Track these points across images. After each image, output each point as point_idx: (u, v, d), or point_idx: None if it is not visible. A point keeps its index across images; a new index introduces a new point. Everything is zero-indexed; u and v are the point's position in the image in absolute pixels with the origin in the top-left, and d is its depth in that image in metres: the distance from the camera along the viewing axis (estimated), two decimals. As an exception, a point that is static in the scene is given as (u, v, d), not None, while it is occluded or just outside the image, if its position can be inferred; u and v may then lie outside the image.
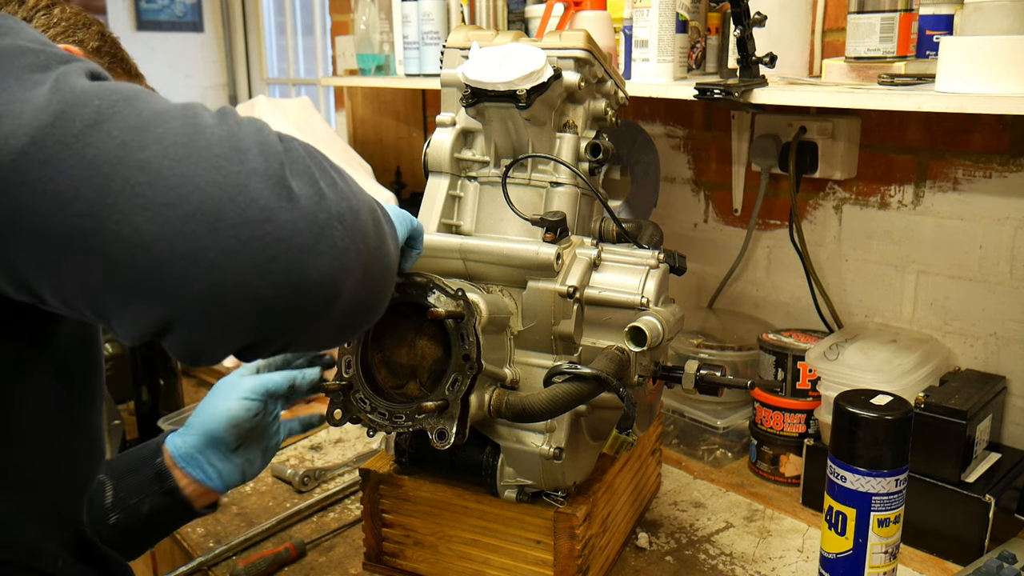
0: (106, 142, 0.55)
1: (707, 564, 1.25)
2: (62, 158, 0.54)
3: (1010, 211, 1.38)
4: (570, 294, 1.04)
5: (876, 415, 1.03)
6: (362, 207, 0.63)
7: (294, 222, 0.56)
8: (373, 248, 0.64)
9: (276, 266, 0.56)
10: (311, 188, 0.59)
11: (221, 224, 0.54)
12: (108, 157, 0.54)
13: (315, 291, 0.58)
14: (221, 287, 0.55)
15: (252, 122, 0.62)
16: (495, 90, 1.05)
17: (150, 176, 0.54)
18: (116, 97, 0.57)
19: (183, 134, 0.56)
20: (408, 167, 2.46)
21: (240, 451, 1.04)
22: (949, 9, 1.28)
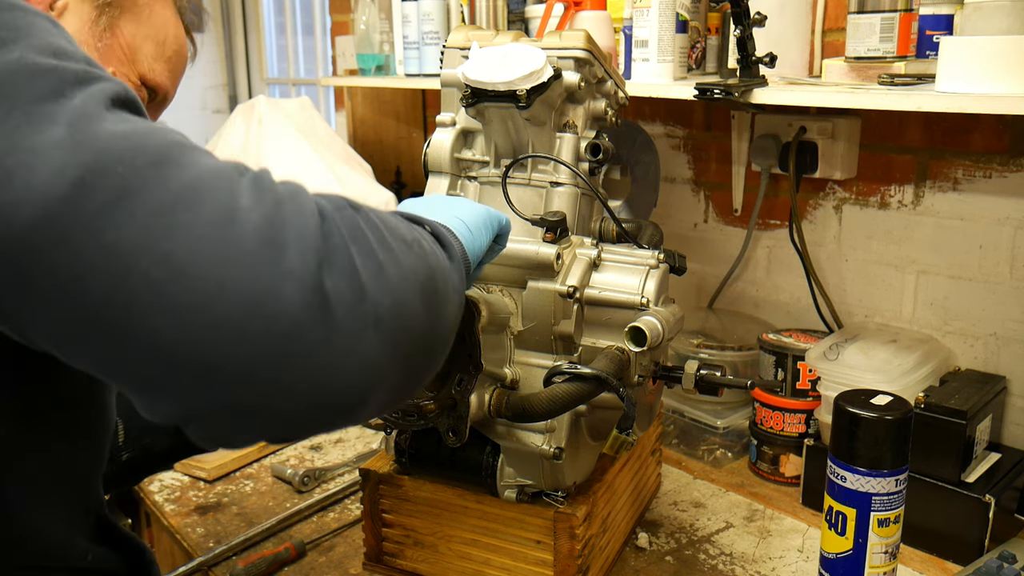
0: (128, 225, 0.49)
1: (707, 564, 1.25)
2: (78, 239, 0.49)
3: (1010, 211, 1.38)
4: (570, 294, 1.04)
5: (876, 415, 1.03)
6: (411, 287, 0.58)
7: (325, 339, 0.51)
8: (420, 335, 0.59)
9: (301, 386, 0.51)
10: (350, 287, 0.53)
11: (247, 338, 0.49)
12: (129, 245, 0.49)
13: (342, 404, 0.54)
14: (240, 401, 0.51)
15: (291, 197, 0.55)
16: (495, 90, 1.05)
17: (173, 273, 0.49)
18: (143, 161, 0.51)
19: (215, 222, 0.50)
20: (408, 167, 2.46)
21: None
22: (949, 9, 1.28)
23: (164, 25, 0.91)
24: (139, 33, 0.88)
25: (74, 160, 0.50)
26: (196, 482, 1.51)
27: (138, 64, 0.89)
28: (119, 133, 0.52)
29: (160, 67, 0.91)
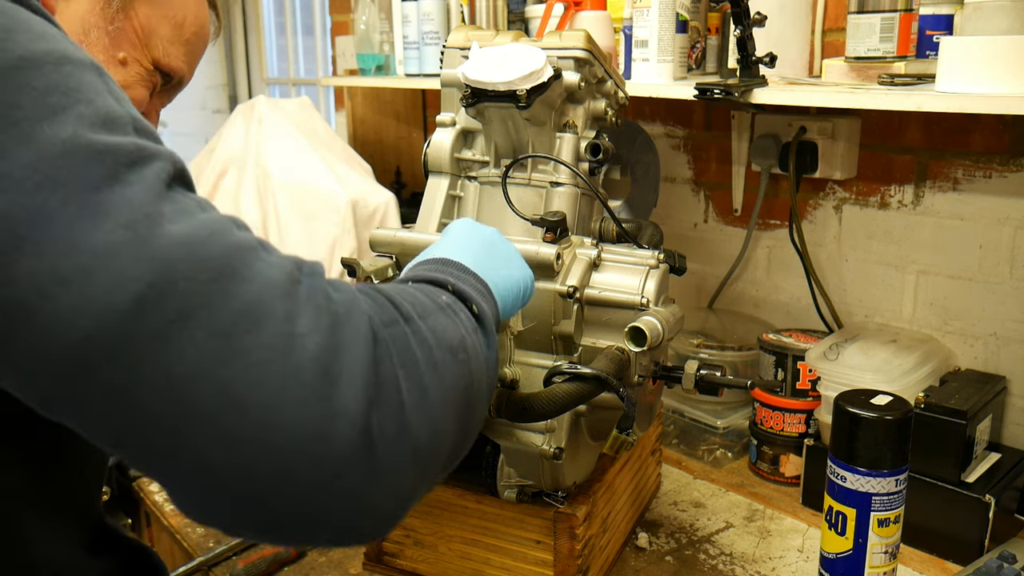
0: (187, 348, 0.48)
1: (707, 564, 1.25)
2: (135, 357, 0.48)
3: (1010, 211, 1.38)
4: (570, 294, 1.04)
5: (876, 415, 1.03)
6: (450, 409, 0.60)
7: (366, 478, 0.52)
8: (448, 453, 0.62)
9: (337, 519, 0.52)
10: (395, 423, 0.54)
11: (294, 476, 0.50)
12: (186, 370, 0.48)
13: (371, 531, 0.56)
14: (277, 526, 0.52)
15: (347, 315, 0.55)
16: (495, 90, 1.06)
17: (230, 404, 0.48)
18: (205, 276, 0.50)
19: (273, 347, 0.50)
20: (408, 167, 2.46)
21: None
22: (949, 9, 1.28)
23: (183, 5, 0.86)
24: (155, 14, 0.83)
25: (136, 271, 0.48)
26: (196, 482, 1.51)
27: (152, 48, 0.83)
28: (181, 240, 0.51)
29: (176, 50, 0.86)
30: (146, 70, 0.83)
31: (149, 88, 0.85)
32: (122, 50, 0.81)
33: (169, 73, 0.86)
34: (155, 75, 0.85)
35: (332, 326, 0.53)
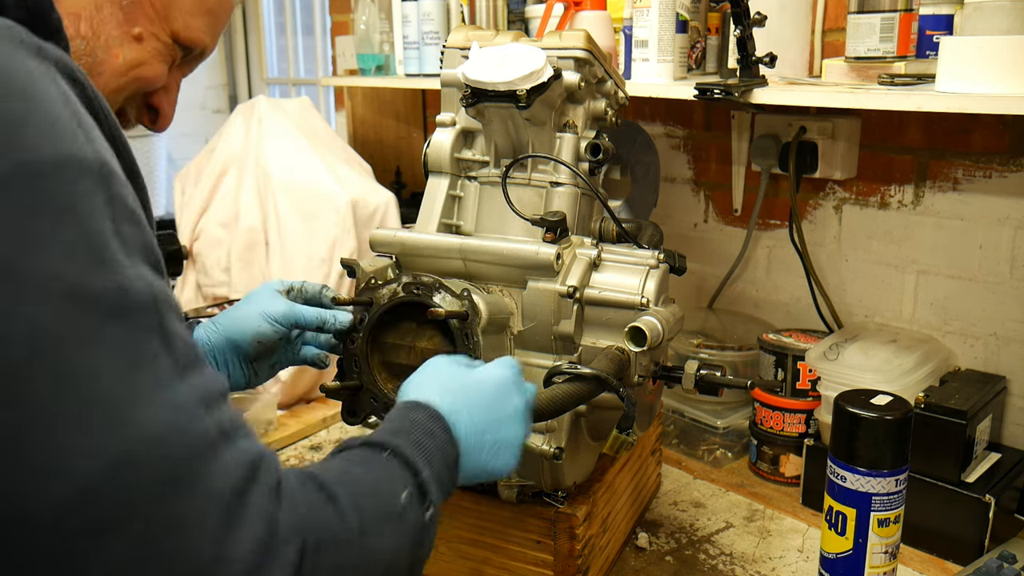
0: (112, 553, 0.50)
1: (707, 564, 1.25)
2: (61, 547, 0.49)
3: (1010, 211, 1.38)
4: (570, 294, 1.03)
5: (876, 415, 1.03)
6: None
7: None
8: None
9: None
10: None
11: None
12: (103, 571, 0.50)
13: None
14: None
15: (284, 545, 0.56)
16: (495, 90, 1.06)
17: None
18: (153, 479, 0.51)
19: (198, 569, 0.52)
20: (408, 167, 2.46)
21: (255, 363, 1.06)
22: (949, 9, 1.28)
23: None
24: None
25: (85, 466, 0.49)
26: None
27: (171, 20, 0.78)
28: (141, 436, 0.52)
29: (198, 21, 0.80)
30: (164, 44, 0.79)
31: (168, 62, 0.81)
32: (137, 25, 0.76)
33: (189, 46, 0.81)
34: (174, 48, 0.80)
35: (261, 554, 0.54)
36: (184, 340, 0.57)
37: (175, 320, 0.57)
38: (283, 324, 1.03)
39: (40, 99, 0.53)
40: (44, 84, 0.54)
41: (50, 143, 0.52)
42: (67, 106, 0.54)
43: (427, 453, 0.73)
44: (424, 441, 0.74)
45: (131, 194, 0.57)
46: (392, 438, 0.72)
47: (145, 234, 0.58)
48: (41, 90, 0.53)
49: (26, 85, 0.53)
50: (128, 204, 0.56)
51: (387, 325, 1.02)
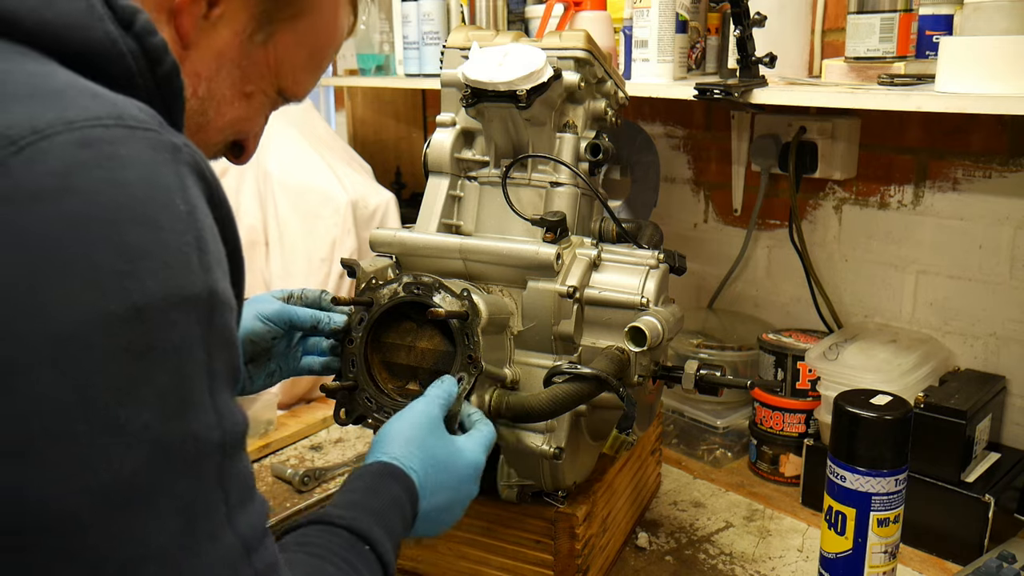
0: None
1: (707, 564, 1.25)
2: None
3: (1010, 211, 1.38)
4: (570, 294, 1.04)
5: (876, 415, 1.03)
6: None
7: None
8: None
9: None
10: None
11: None
12: None
13: None
14: None
15: None
16: (495, 90, 1.06)
17: None
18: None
19: None
20: (408, 167, 2.46)
21: (249, 365, 1.05)
22: (949, 9, 1.28)
23: (328, 27, 0.78)
24: (296, 43, 0.75)
25: None
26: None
27: (282, 78, 0.77)
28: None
29: (306, 76, 0.80)
30: (270, 98, 0.78)
31: (268, 114, 0.81)
32: (250, 83, 0.75)
33: (291, 98, 0.81)
34: (278, 101, 0.80)
35: None
36: (241, 474, 0.57)
37: (238, 452, 0.57)
38: (276, 323, 1.03)
39: (166, 228, 0.52)
40: (173, 206, 0.53)
41: (162, 281, 0.51)
42: (190, 226, 0.54)
43: (394, 537, 0.76)
44: (394, 523, 0.77)
45: (230, 309, 0.57)
46: (374, 526, 0.74)
47: (234, 351, 0.58)
48: (169, 215, 0.53)
49: (155, 210, 0.52)
50: (227, 329, 0.56)
51: (387, 325, 1.02)
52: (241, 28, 0.71)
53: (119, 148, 0.51)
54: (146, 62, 0.59)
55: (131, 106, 0.54)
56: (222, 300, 0.55)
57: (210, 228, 0.56)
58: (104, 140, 0.51)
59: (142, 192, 0.51)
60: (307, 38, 0.76)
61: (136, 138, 0.52)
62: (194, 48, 0.69)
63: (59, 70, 0.55)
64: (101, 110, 0.52)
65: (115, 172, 0.50)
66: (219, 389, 0.55)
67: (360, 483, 0.80)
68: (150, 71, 0.60)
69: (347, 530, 0.72)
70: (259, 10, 0.71)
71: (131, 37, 0.58)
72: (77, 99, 0.52)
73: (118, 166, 0.51)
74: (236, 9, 0.70)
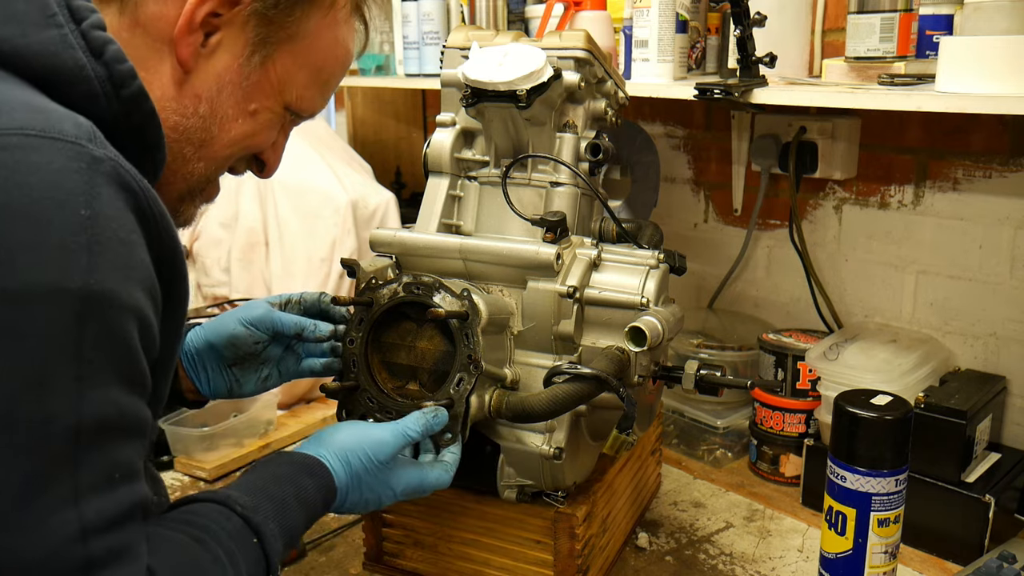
0: None
1: (707, 564, 1.25)
2: None
3: (1010, 211, 1.38)
4: (570, 294, 1.03)
5: (876, 415, 1.03)
6: None
7: None
8: None
9: None
10: None
11: None
12: None
13: None
14: None
15: None
16: (495, 90, 1.06)
17: None
18: None
19: None
20: (408, 167, 2.45)
21: (235, 369, 1.05)
22: (949, 9, 1.28)
23: (327, 49, 0.81)
24: (295, 63, 0.79)
25: None
26: (196, 482, 1.51)
27: (286, 94, 0.80)
28: None
29: (311, 93, 0.83)
30: (276, 114, 0.81)
31: (278, 128, 0.84)
32: (254, 102, 0.79)
33: (301, 113, 0.84)
34: (286, 116, 0.83)
35: None
36: (106, 462, 0.60)
37: (106, 441, 0.60)
38: (259, 328, 1.03)
39: (54, 225, 0.57)
40: (70, 208, 0.58)
41: (35, 272, 0.56)
42: (86, 229, 0.58)
43: (291, 532, 0.79)
44: (296, 519, 0.80)
45: (126, 312, 0.60)
46: (269, 519, 0.76)
47: (128, 358, 0.61)
48: (62, 216, 0.57)
49: (47, 209, 0.57)
50: (116, 330, 0.60)
51: (387, 325, 1.02)
52: (239, 52, 0.76)
53: (31, 155, 0.57)
54: (111, 86, 0.65)
55: (68, 121, 0.60)
56: (112, 302, 0.59)
57: (118, 236, 0.60)
58: (19, 147, 0.57)
59: (39, 193, 0.57)
60: (306, 58, 0.80)
61: (53, 148, 0.58)
62: (194, 73, 0.75)
63: (18, 89, 0.62)
64: (31, 122, 0.58)
65: (19, 174, 0.56)
66: (93, 382, 0.58)
67: (275, 471, 0.82)
68: (115, 94, 0.65)
69: (242, 519, 0.74)
70: (255, 35, 0.75)
71: (100, 64, 0.65)
72: (14, 112, 0.59)
73: (24, 169, 0.57)
74: (233, 36, 0.75)
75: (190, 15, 0.71)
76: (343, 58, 0.85)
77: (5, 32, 0.63)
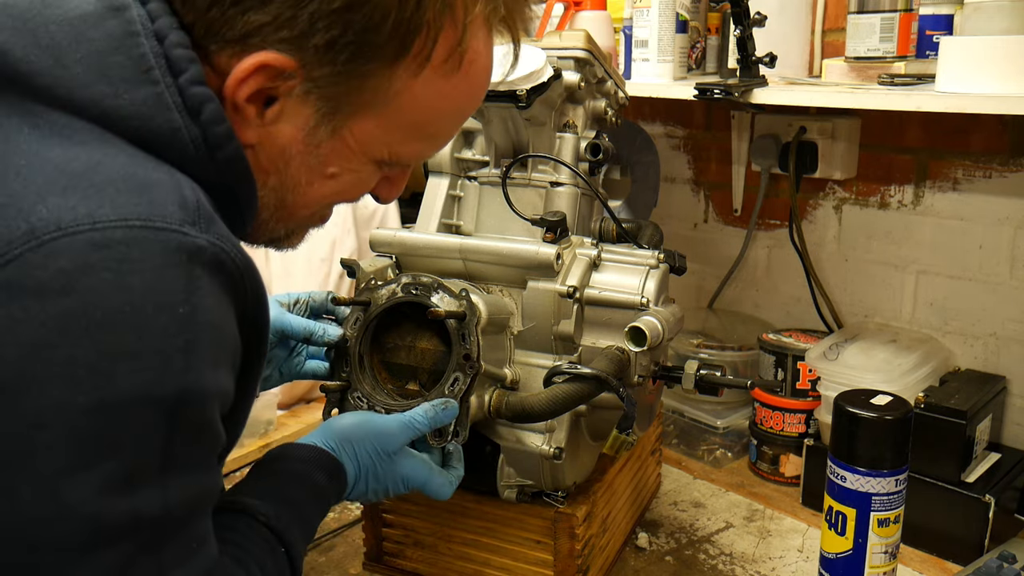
0: None
1: (707, 564, 1.25)
2: None
3: (1010, 211, 1.38)
4: (570, 294, 1.03)
5: (876, 415, 1.03)
6: None
7: None
8: None
9: None
10: None
11: None
12: None
13: None
14: None
15: None
16: (495, 90, 1.05)
17: None
18: None
19: None
20: (408, 167, 2.45)
21: None
22: (949, 9, 1.28)
23: (426, 106, 0.70)
24: (380, 125, 0.70)
25: None
26: (196, 482, 1.51)
27: (373, 154, 0.72)
28: None
29: (411, 148, 0.74)
30: (365, 171, 0.74)
31: (372, 182, 0.77)
32: (332, 166, 0.71)
33: (400, 163, 0.77)
34: (380, 169, 0.75)
35: None
36: (187, 536, 0.60)
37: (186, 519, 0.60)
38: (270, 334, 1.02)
39: (154, 332, 0.55)
40: (170, 309, 0.56)
41: (133, 382, 0.54)
42: (184, 328, 0.56)
43: (309, 529, 0.80)
44: (313, 516, 0.81)
45: (211, 398, 0.60)
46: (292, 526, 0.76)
47: (211, 440, 0.61)
48: (162, 319, 0.55)
49: (148, 315, 0.55)
50: (201, 419, 0.59)
51: (388, 325, 1.02)
52: (303, 123, 0.67)
53: (132, 251, 0.54)
54: (207, 148, 0.62)
55: (172, 200, 0.57)
56: (203, 395, 0.58)
57: (212, 323, 0.58)
58: (120, 242, 0.54)
59: (140, 297, 0.54)
60: (397, 120, 0.70)
61: (153, 240, 0.55)
62: (258, 146, 0.68)
63: (121, 155, 0.58)
64: (132, 210, 0.55)
65: (121, 275, 0.53)
66: (176, 471, 0.58)
67: (289, 468, 0.82)
68: (210, 157, 0.62)
69: (267, 529, 0.74)
70: (318, 107, 0.66)
71: (197, 125, 0.61)
72: (116, 196, 0.55)
73: (126, 270, 0.54)
74: (293, 108, 0.66)
75: (231, 95, 0.64)
76: (457, 108, 0.75)
77: (96, 92, 0.59)
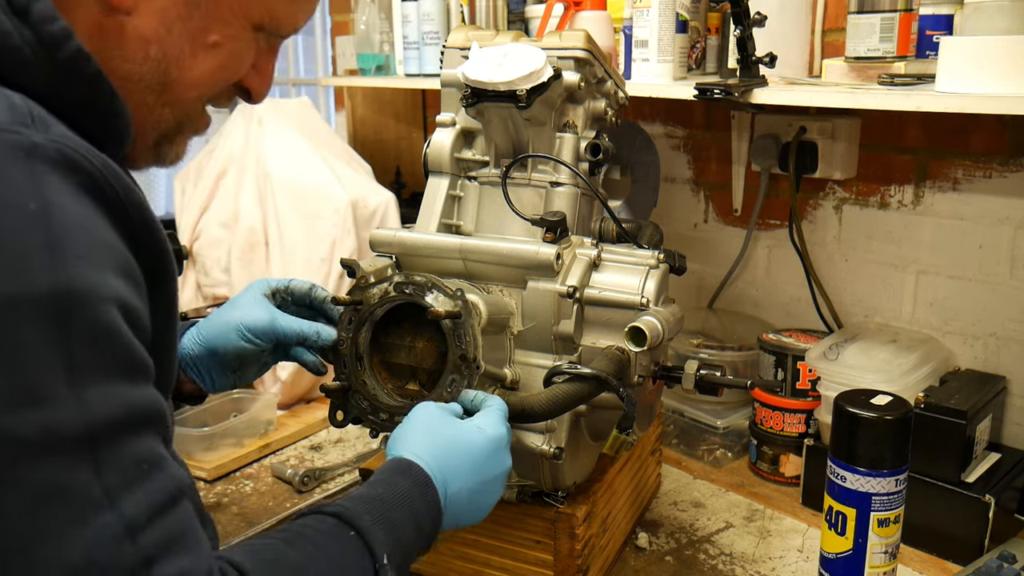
0: None
1: (707, 564, 1.25)
2: None
3: (1010, 211, 1.38)
4: (570, 294, 1.03)
5: (876, 415, 1.03)
6: None
7: None
8: None
9: None
10: None
11: None
12: None
13: None
14: None
15: None
16: (495, 90, 1.06)
17: None
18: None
19: None
20: (408, 167, 2.45)
21: (239, 372, 1.06)
22: (949, 9, 1.28)
23: None
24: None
25: None
26: (196, 482, 1.51)
27: (251, 15, 0.72)
28: None
29: (285, 9, 0.74)
30: (245, 40, 0.73)
31: (252, 52, 0.75)
32: (213, 33, 0.70)
33: (277, 32, 0.75)
34: (258, 38, 0.74)
35: None
36: (129, 456, 0.57)
37: (122, 437, 0.57)
38: (263, 339, 1.02)
39: (4, 229, 0.52)
40: (17, 205, 0.53)
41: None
42: (38, 224, 0.54)
43: (396, 530, 0.74)
44: (397, 516, 0.75)
45: (108, 301, 0.56)
46: (364, 514, 0.73)
47: (120, 348, 0.58)
48: (9, 216, 0.53)
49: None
50: (101, 323, 0.56)
51: (388, 325, 1.02)
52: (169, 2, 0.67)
53: None
54: (43, 51, 0.59)
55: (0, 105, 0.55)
56: (87, 295, 0.55)
57: (77, 223, 0.56)
58: None
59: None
60: None
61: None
62: (135, 14, 0.66)
63: None
64: None
65: None
66: (87, 382, 0.55)
67: (371, 478, 0.80)
68: (48, 60, 0.59)
69: (334, 516, 0.72)
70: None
71: (27, 27, 0.58)
72: None
73: None
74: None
75: None
76: None
77: None
